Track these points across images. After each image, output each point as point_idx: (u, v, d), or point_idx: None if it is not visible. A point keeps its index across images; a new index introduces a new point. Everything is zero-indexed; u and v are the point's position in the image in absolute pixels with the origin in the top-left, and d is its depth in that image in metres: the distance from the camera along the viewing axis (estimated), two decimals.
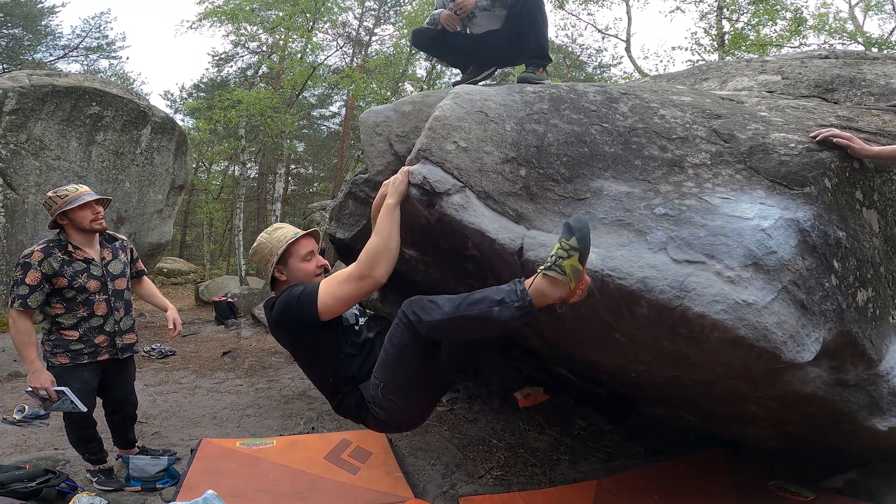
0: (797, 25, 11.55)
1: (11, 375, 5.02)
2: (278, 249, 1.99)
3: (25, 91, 7.03)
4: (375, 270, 1.82)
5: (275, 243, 2.02)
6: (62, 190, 2.61)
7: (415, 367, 1.84)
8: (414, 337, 1.75)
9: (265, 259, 2.02)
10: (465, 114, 2.19)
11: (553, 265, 1.60)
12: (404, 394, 1.88)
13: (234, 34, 15.19)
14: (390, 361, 1.84)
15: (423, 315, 1.72)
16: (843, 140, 1.92)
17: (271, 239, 2.03)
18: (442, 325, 1.70)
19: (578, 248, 1.58)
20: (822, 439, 2.38)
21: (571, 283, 1.59)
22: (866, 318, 1.92)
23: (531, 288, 1.63)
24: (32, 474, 2.54)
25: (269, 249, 2.01)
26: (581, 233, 1.58)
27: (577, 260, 1.58)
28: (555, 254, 1.61)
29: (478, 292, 1.72)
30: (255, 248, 2.08)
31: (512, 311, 1.62)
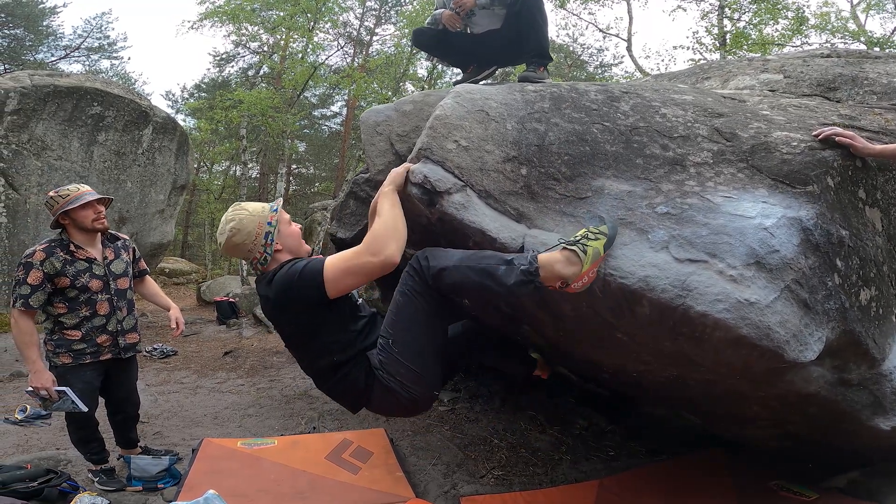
0: (799, 25, 11.53)
1: (13, 375, 5.03)
2: (267, 219, 1.85)
3: (27, 91, 7.04)
4: (385, 249, 1.70)
5: (260, 215, 1.86)
6: (64, 190, 2.61)
7: (421, 321, 1.78)
8: (422, 284, 1.73)
9: (252, 236, 1.83)
10: (466, 113, 2.19)
11: (577, 242, 1.63)
12: (413, 352, 1.78)
13: (235, 34, 15.24)
14: (398, 312, 1.78)
15: (432, 260, 1.70)
16: (846, 139, 1.92)
17: (252, 214, 1.87)
18: (449, 271, 1.67)
19: (608, 235, 1.65)
20: (824, 439, 2.37)
21: (586, 265, 1.62)
22: (869, 317, 1.92)
23: (543, 257, 1.64)
24: (34, 474, 2.55)
25: (257, 223, 1.85)
26: (612, 222, 1.68)
27: (603, 245, 1.64)
28: (582, 234, 1.65)
29: (491, 250, 1.74)
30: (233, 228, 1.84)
31: (516, 274, 1.62)
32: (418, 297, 1.75)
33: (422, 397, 1.88)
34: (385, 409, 2.00)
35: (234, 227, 1.85)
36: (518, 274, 1.62)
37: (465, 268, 1.67)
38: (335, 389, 1.93)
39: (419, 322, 1.78)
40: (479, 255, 1.71)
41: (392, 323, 1.80)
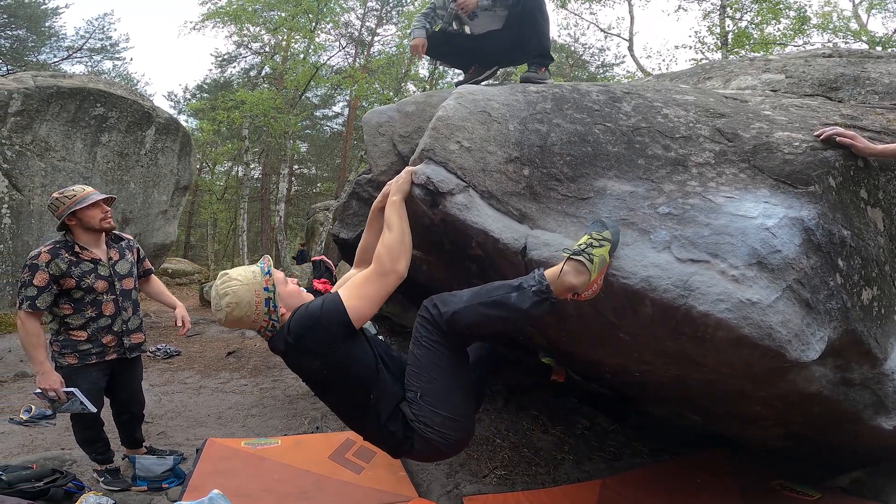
0: (800, 24, 11.51)
1: (18, 376, 5.05)
2: (262, 285, 1.76)
3: (30, 92, 7.07)
4: (398, 264, 1.76)
5: (253, 283, 1.76)
6: (69, 190, 2.62)
7: (445, 367, 1.77)
8: (438, 332, 1.72)
9: (252, 306, 1.74)
10: (469, 114, 2.20)
11: (583, 252, 1.63)
12: (443, 400, 1.77)
13: (236, 35, 15.29)
14: (420, 366, 1.77)
15: (442, 307, 1.70)
16: (847, 139, 1.92)
17: (244, 284, 1.75)
18: (462, 313, 1.68)
19: (611, 240, 1.66)
20: (827, 439, 2.37)
21: (594, 273, 1.63)
22: (871, 316, 1.92)
23: (551, 272, 1.65)
24: (39, 474, 2.56)
25: (253, 291, 1.74)
26: (614, 227, 1.68)
27: (608, 251, 1.65)
28: (585, 242, 1.66)
29: (497, 281, 1.74)
30: (229, 304, 1.73)
31: (529, 296, 1.63)
32: (436, 345, 1.74)
33: (461, 439, 1.87)
34: (427, 456, 1.97)
35: (230, 301, 1.73)
36: (531, 296, 1.63)
37: (478, 305, 1.67)
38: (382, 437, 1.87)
39: (444, 370, 1.77)
40: (487, 290, 1.70)
41: (417, 376, 1.78)
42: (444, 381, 1.78)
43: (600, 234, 1.68)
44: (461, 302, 1.70)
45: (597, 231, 1.69)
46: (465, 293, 1.73)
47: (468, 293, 1.72)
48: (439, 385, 1.77)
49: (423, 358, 1.77)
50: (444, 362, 1.77)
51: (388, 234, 1.83)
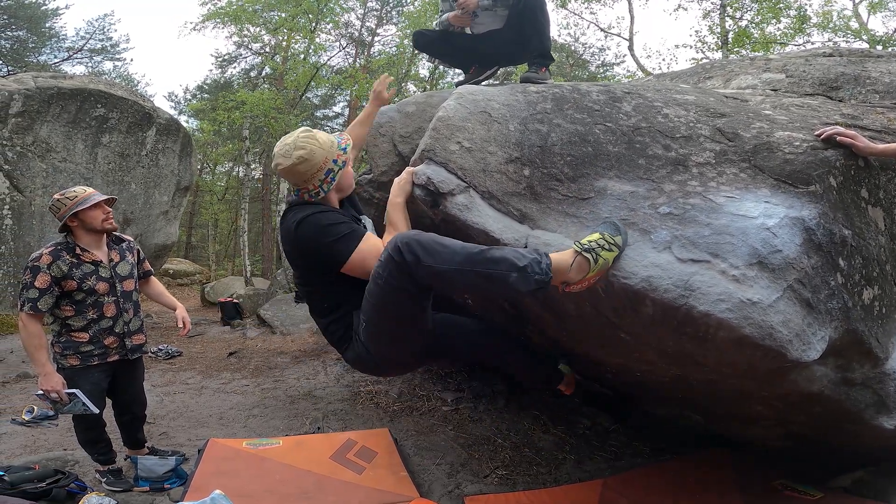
0: (800, 23, 11.50)
1: (20, 376, 5.06)
2: (334, 157, 1.85)
3: (31, 93, 7.08)
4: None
5: (329, 151, 1.84)
6: (70, 192, 2.62)
7: (400, 316, 1.74)
8: (405, 279, 1.61)
9: (316, 168, 1.82)
10: (469, 114, 2.20)
11: (593, 250, 1.64)
12: (387, 343, 1.82)
13: (237, 35, 15.29)
14: (374, 303, 1.72)
15: (424, 257, 1.57)
16: (847, 138, 1.92)
17: (322, 148, 1.83)
18: (448, 273, 1.57)
19: (621, 247, 1.68)
20: (829, 438, 2.37)
21: (592, 272, 1.64)
22: (872, 316, 1.92)
23: (557, 261, 1.63)
24: (42, 475, 2.57)
25: (324, 157, 1.83)
26: (626, 235, 1.70)
27: (614, 258, 1.67)
28: (597, 241, 1.66)
29: (496, 249, 1.64)
30: (301, 157, 1.80)
31: (530, 283, 1.57)
32: (396, 290, 1.65)
33: (390, 368, 2.02)
34: (352, 363, 2.05)
35: (303, 155, 1.80)
36: (533, 283, 1.58)
37: (472, 273, 1.58)
38: (325, 331, 2.04)
39: (397, 313, 1.73)
40: (487, 257, 1.60)
41: (366, 310, 1.77)
42: (391, 325, 1.77)
43: (612, 238, 1.66)
44: (452, 261, 1.57)
45: (610, 234, 1.67)
46: (458, 251, 1.59)
47: (462, 253, 1.59)
48: (383, 329, 1.78)
49: (378, 297, 1.70)
50: (398, 308, 1.71)
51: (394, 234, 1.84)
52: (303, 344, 6.18)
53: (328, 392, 4.39)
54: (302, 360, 5.48)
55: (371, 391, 4.25)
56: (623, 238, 1.71)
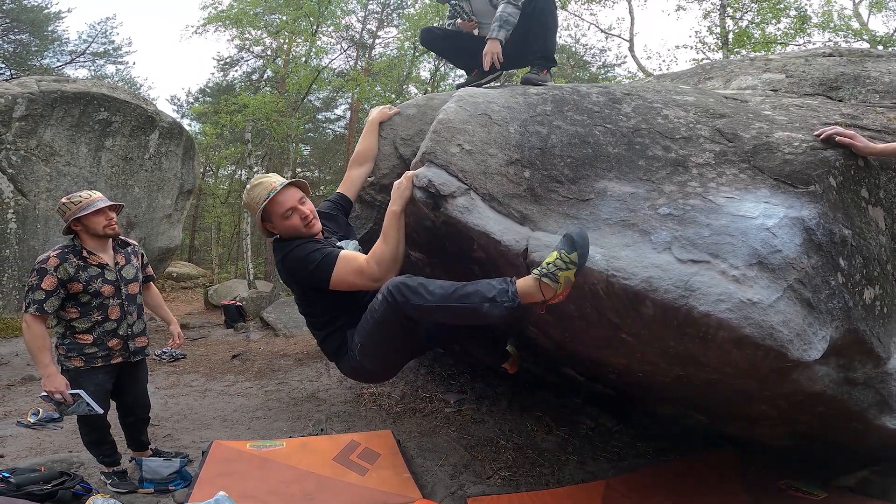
0: (801, 24, 11.48)
1: (25, 379, 5.08)
2: (258, 207, 2.08)
3: (34, 97, 7.12)
4: (384, 277, 1.94)
5: (252, 205, 2.11)
6: (76, 196, 2.65)
7: (391, 342, 1.98)
8: (396, 315, 1.84)
9: (254, 213, 2.13)
10: (469, 116, 2.21)
11: (549, 273, 1.70)
12: (381, 361, 2.09)
13: (238, 38, 15.31)
14: (369, 331, 1.96)
15: (412, 297, 1.79)
16: (846, 138, 1.92)
17: (250, 200, 2.11)
18: (430, 310, 1.80)
19: (577, 264, 1.70)
20: (832, 438, 2.37)
21: (559, 290, 1.71)
22: (874, 315, 1.92)
23: (522, 287, 1.73)
24: (47, 476, 2.58)
25: (253, 209, 2.12)
26: (583, 250, 1.70)
27: (574, 274, 1.71)
28: (553, 262, 1.71)
29: (469, 285, 1.80)
30: (244, 202, 2.20)
31: (501, 310, 1.73)
32: (389, 323, 1.89)
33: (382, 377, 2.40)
34: (347, 373, 2.28)
35: (244, 205, 2.22)
36: (503, 310, 1.73)
37: (449, 308, 1.77)
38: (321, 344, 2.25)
39: (389, 340, 1.98)
40: (460, 293, 1.77)
41: (361, 334, 2.01)
42: (383, 349, 2.01)
43: (568, 255, 1.69)
44: (431, 300, 1.78)
45: (566, 251, 1.70)
46: (436, 291, 1.79)
47: (439, 292, 1.79)
48: (377, 350, 2.02)
49: (372, 327, 1.95)
50: (389, 339, 1.96)
51: (383, 247, 1.98)
52: (306, 346, 6.19)
53: (331, 394, 4.41)
54: (305, 363, 5.49)
55: (374, 393, 4.26)
56: (580, 252, 1.70)
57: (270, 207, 2.07)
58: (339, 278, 1.97)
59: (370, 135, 2.68)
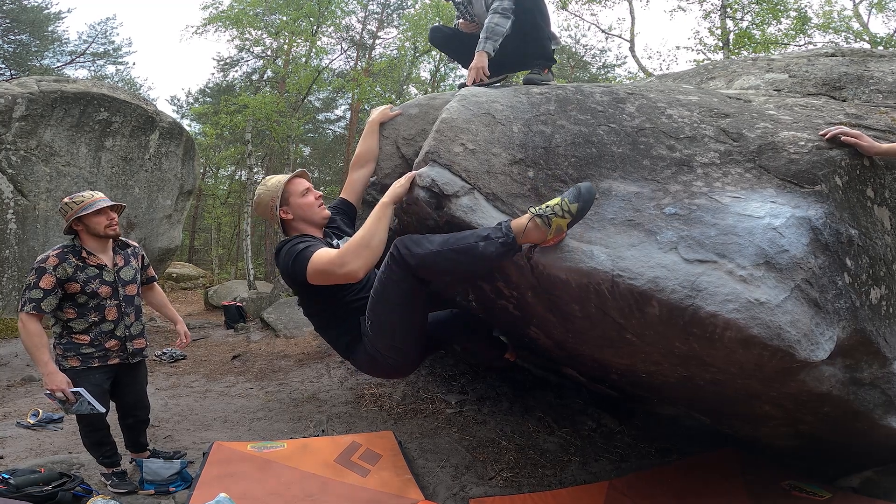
0: (801, 24, 11.49)
1: (25, 380, 5.07)
2: (277, 193, 2.17)
3: (34, 97, 7.10)
4: (350, 264, 1.86)
5: (272, 189, 2.20)
6: (78, 196, 2.66)
7: (398, 304, 1.94)
8: (402, 271, 1.85)
9: (268, 207, 2.19)
10: (472, 116, 2.20)
11: (545, 215, 1.76)
12: (391, 333, 2.01)
13: (238, 39, 15.31)
14: (377, 298, 1.97)
15: (413, 247, 1.83)
16: (852, 138, 1.91)
17: (268, 188, 2.22)
18: (431, 256, 1.81)
19: (574, 215, 1.76)
20: (837, 438, 2.36)
21: (550, 234, 1.77)
22: (880, 315, 1.91)
23: (516, 224, 1.79)
24: (47, 478, 2.57)
25: (270, 196, 2.19)
26: (584, 204, 1.76)
27: (567, 224, 1.77)
28: (552, 206, 1.77)
29: (466, 231, 1.88)
30: (255, 201, 2.26)
31: (496, 245, 1.76)
32: (397, 283, 1.89)
33: (400, 366, 2.18)
34: (365, 367, 2.24)
35: (256, 202, 2.27)
36: (499, 245, 1.77)
37: (448, 251, 1.80)
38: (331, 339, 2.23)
39: (396, 306, 1.95)
40: (457, 238, 1.83)
41: (373, 307, 2.00)
42: (394, 317, 1.97)
43: (570, 204, 1.75)
44: (433, 246, 1.82)
45: (568, 200, 1.76)
46: (437, 239, 1.84)
47: (439, 239, 1.84)
48: (387, 321, 1.98)
49: (380, 292, 1.95)
50: (399, 299, 1.93)
51: (358, 234, 1.92)
52: (306, 347, 6.18)
53: (332, 395, 4.39)
54: (306, 364, 5.48)
55: (375, 394, 4.24)
56: (581, 204, 1.75)
57: (290, 187, 2.20)
58: (314, 269, 1.94)
59: (371, 136, 2.67)
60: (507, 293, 2.33)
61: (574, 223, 1.79)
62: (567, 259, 1.83)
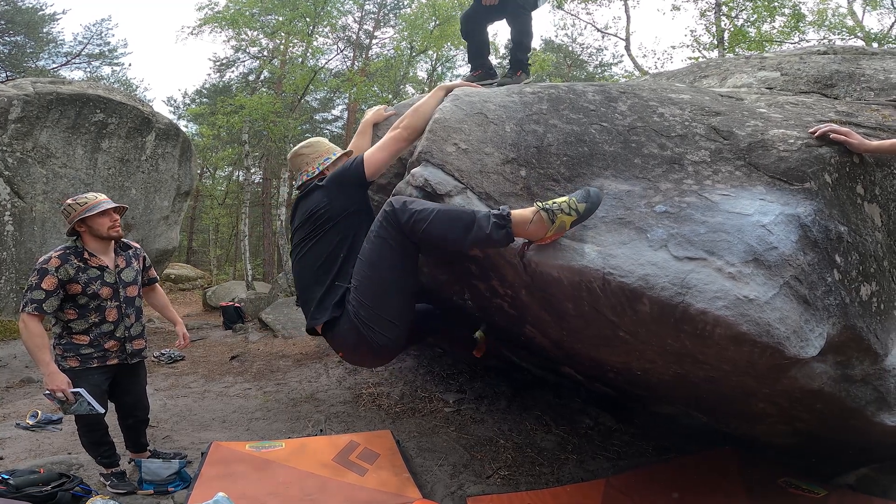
0: (796, 22, 11.51)
1: (24, 381, 5.08)
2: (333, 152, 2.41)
3: (30, 99, 7.09)
4: (405, 120, 2.27)
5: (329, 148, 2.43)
6: (82, 197, 2.68)
7: (386, 262, 1.93)
8: (393, 229, 1.87)
9: (318, 154, 2.37)
10: (465, 116, 2.22)
11: (552, 209, 1.77)
12: (376, 295, 1.96)
13: (234, 39, 15.27)
14: (365, 260, 1.96)
15: (410, 205, 1.86)
16: (841, 136, 1.93)
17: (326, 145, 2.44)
18: (423, 214, 1.82)
19: (581, 214, 1.77)
20: (832, 435, 2.37)
21: (550, 231, 1.78)
22: (870, 312, 1.92)
23: (517, 213, 1.81)
24: (47, 478, 2.58)
25: (326, 149, 2.41)
26: (591, 206, 1.78)
27: (571, 223, 1.78)
28: (559, 203, 1.78)
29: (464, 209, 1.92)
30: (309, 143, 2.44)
31: (491, 224, 1.78)
32: (386, 240, 1.90)
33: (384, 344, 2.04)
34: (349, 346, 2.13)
35: (310, 142, 2.44)
36: (493, 224, 1.78)
37: (443, 215, 1.83)
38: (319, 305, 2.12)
39: (384, 264, 1.94)
40: (455, 209, 1.87)
41: (358, 268, 1.99)
42: (381, 276, 1.94)
43: (577, 203, 1.78)
44: (429, 210, 1.84)
45: (576, 199, 1.79)
46: (433, 204, 1.88)
47: (435, 206, 1.88)
48: (376, 280, 1.95)
49: (369, 253, 1.95)
50: (387, 257, 1.92)
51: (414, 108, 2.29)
52: (305, 347, 6.19)
53: (330, 394, 4.41)
54: (304, 364, 5.49)
55: (373, 393, 4.26)
56: (588, 206, 1.78)
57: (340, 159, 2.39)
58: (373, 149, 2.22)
59: (363, 135, 2.71)
60: (502, 292, 2.35)
61: (577, 223, 1.80)
62: (559, 257, 1.84)
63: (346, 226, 2.13)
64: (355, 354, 2.23)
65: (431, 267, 2.72)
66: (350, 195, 2.16)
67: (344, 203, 2.14)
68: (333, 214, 2.13)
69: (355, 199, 2.17)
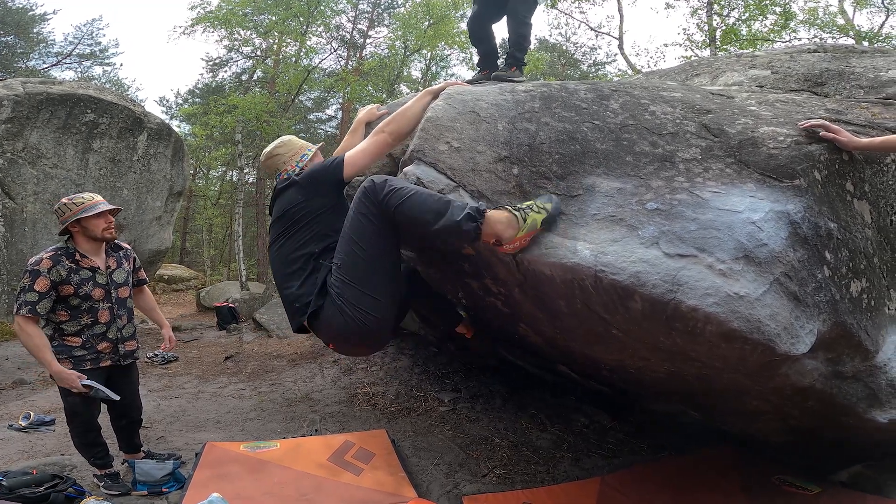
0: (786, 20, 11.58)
1: (16, 383, 5.04)
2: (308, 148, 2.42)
3: (20, 99, 7.04)
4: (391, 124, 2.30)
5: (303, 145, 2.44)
6: (78, 197, 2.66)
7: (368, 240, 1.96)
8: (372, 205, 1.92)
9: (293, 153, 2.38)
10: (457, 114, 2.22)
11: (522, 209, 1.86)
12: (359, 275, 1.96)
13: (227, 39, 15.21)
14: (346, 238, 1.99)
15: (388, 184, 1.91)
16: (830, 134, 1.94)
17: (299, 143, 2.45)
18: (400, 192, 1.88)
19: (549, 213, 1.86)
20: (826, 433, 2.38)
21: (521, 232, 1.83)
22: (861, 308, 1.94)
23: (490, 212, 1.86)
24: (40, 479, 2.56)
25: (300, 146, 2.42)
26: (557, 204, 1.91)
27: (542, 220, 1.86)
28: (528, 204, 1.88)
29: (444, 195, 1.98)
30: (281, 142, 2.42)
31: (464, 213, 1.82)
32: (367, 217, 1.94)
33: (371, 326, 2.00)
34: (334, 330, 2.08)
35: (282, 141, 2.43)
36: (465, 217, 1.82)
37: (419, 196, 1.88)
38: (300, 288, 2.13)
39: (365, 242, 1.96)
40: (434, 195, 1.92)
41: (340, 247, 2.02)
42: (363, 251, 1.95)
43: (543, 204, 1.88)
44: (408, 189, 1.90)
45: (542, 201, 1.90)
46: (414, 186, 1.95)
47: (415, 187, 1.94)
48: (359, 256, 1.96)
49: (350, 229, 1.99)
50: (369, 233, 1.95)
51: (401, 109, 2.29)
52: (299, 347, 6.17)
53: (325, 394, 4.40)
54: (298, 364, 5.48)
55: (368, 393, 4.26)
56: (553, 207, 1.88)
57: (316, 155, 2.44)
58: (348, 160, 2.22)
59: (355, 134, 2.71)
60: (496, 290, 2.35)
61: (547, 223, 1.87)
62: (551, 255, 1.85)
63: (323, 222, 2.17)
64: (345, 342, 2.16)
65: (424, 266, 2.72)
66: (326, 193, 2.20)
67: (322, 200, 2.18)
68: (310, 211, 2.17)
69: (331, 196, 2.22)
